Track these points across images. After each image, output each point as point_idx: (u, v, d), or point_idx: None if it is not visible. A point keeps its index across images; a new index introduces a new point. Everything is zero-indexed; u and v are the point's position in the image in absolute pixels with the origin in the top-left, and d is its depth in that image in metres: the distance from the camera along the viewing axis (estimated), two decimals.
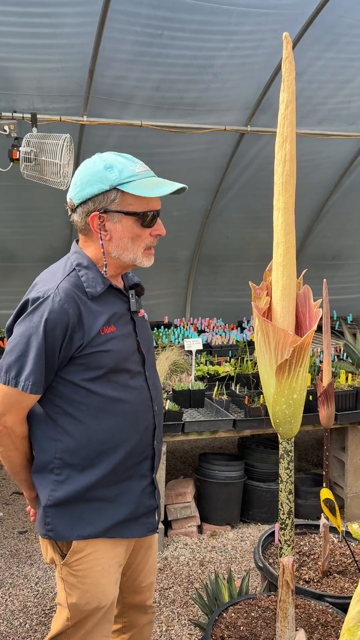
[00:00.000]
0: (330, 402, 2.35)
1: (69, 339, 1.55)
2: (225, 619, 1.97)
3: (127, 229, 1.61)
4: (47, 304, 1.54)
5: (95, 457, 1.61)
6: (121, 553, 1.71)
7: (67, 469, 1.62)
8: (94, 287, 1.61)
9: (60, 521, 1.63)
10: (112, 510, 1.65)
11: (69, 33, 3.67)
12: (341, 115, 4.80)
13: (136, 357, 1.69)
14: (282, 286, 1.48)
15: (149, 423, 1.70)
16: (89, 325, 1.58)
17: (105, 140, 4.46)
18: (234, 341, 4.85)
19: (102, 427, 1.61)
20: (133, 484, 1.68)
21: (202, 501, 3.67)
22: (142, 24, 3.70)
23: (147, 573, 1.88)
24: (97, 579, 1.65)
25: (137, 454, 1.67)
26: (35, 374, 1.55)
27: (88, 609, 1.65)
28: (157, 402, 1.75)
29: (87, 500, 1.63)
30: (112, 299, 1.66)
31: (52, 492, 1.62)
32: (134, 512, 1.68)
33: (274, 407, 1.49)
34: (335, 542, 2.67)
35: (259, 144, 4.94)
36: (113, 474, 1.63)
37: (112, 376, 1.62)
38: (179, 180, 1.67)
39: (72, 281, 1.60)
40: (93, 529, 1.63)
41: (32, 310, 1.56)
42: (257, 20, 3.84)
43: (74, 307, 1.55)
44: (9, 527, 3.62)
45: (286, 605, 1.59)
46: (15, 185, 4.39)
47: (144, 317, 1.80)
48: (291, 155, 1.42)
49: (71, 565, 1.65)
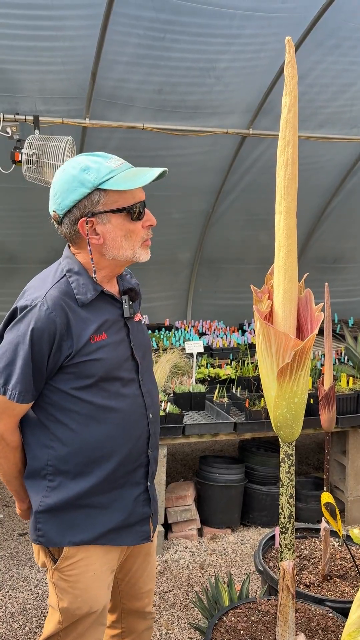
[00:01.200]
0: (331, 405, 2.35)
1: (57, 347, 1.53)
2: (226, 623, 1.96)
3: (118, 227, 1.56)
4: (34, 312, 1.52)
5: (88, 464, 1.59)
6: (114, 559, 1.69)
7: (60, 475, 1.60)
8: (84, 293, 1.58)
9: (51, 527, 1.61)
10: (104, 518, 1.62)
11: (72, 36, 3.68)
12: (343, 119, 4.81)
13: (129, 364, 1.65)
14: (283, 290, 1.48)
15: (143, 431, 1.66)
16: (78, 334, 1.55)
17: (107, 142, 4.47)
18: (235, 344, 4.85)
19: (94, 435, 1.58)
20: (126, 491, 1.65)
21: (203, 504, 3.67)
22: (145, 27, 3.71)
23: (146, 579, 1.86)
24: (88, 584, 1.63)
25: (130, 461, 1.64)
26: (22, 383, 1.53)
27: (79, 614, 1.64)
28: (153, 410, 1.71)
29: (79, 507, 1.60)
30: (104, 306, 1.62)
31: (44, 498, 1.61)
32: (127, 520, 1.65)
33: (275, 410, 1.48)
34: (335, 546, 2.66)
35: (261, 147, 4.95)
36: (106, 481, 1.61)
37: (103, 384, 1.59)
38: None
39: (61, 288, 1.56)
40: (85, 535, 1.61)
41: (20, 318, 1.54)
42: (260, 23, 3.85)
43: (62, 315, 1.53)
44: (9, 529, 3.61)
45: (286, 610, 1.59)
46: (17, 187, 4.40)
47: (140, 321, 1.76)
48: (293, 158, 1.42)
49: (62, 571, 1.63)
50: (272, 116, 4.58)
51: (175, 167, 4.88)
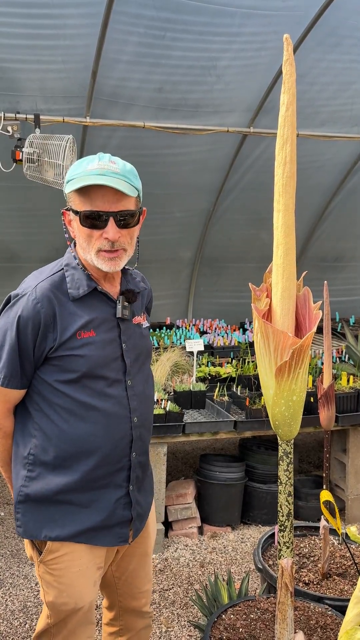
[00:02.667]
0: (330, 404, 2.35)
1: (42, 337, 1.56)
2: (225, 621, 1.97)
3: (79, 228, 1.58)
4: (22, 301, 1.58)
5: (67, 458, 1.60)
6: (99, 556, 1.68)
7: (40, 466, 1.62)
8: (76, 288, 1.60)
9: (29, 519, 1.63)
10: (83, 516, 1.62)
11: (72, 34, 3.68)
12: (344, 117, 4.80)
13: (117, 364, 1.64)
14: (281, 288, 1.48)
15: (125, 434, 1.64)
16: (64, 327, 1.57)
17: (107, 141, 4.47)
18: (236, 342, 4.85)
19: (74, 430, 1.59)
20: (107, 492, 1.64)
21: (203, 502, 3.67)
22: (145, 26, 3.70)
23: (143, 579, 1.86)
24: (73, 580, 1.63)
25: (110, 463, 1.63)
26: (7, 368, 1.58)
27: (66, 610, 1.64)
28: (139, 413, 1.68)
29: (58, 503, 1.61)
30: (96, 303, 1.63)
31: (23, 487, 1.63)
32: (106, 521, 1.64)
33: (273, 408, 1.49)
34: (335, 544, 2.66)
35: (262, 146, 4.94)
36: (86, 479, 1.61)
37: (87, 382, 1.59)
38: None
39: (54, 281, 1.60)
40: (61, 531, 1.61)
41: (10, 306, 1.61)
42: (261, 21, 3.84)
43: (48, 307, 1.56)
44: (9, 527, 3.62)
45: (285, 608, 1.59)
46: (18, 186, 4.40)
47: (140, 324, 1.74)
48: (291, 157, 1.42)
49: (47, 564, 1.64)
50: (273, 114, 4.57)
51: (176, 165, 4.89)
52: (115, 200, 1.54)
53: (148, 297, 1.85)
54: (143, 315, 1.77)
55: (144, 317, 1.77)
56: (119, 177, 1.53)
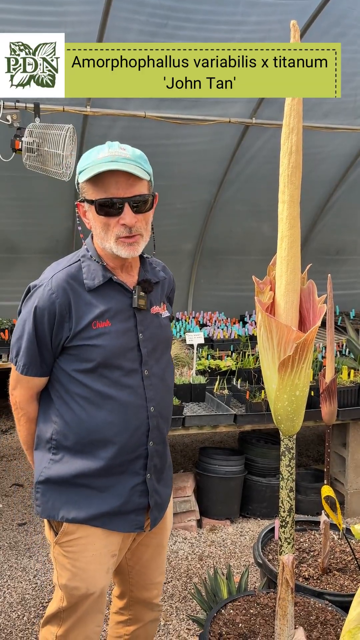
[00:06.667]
0: (332, 398, 2.33)
1: (58, 327, 1.59)
2: (224, 616, 1.96)
3: (95, 218, 1.58)
4: (38, 292, 1.61)
5: (86, 445, 1.63)
6: (114, 542, 1.69)
7: (63, 450, 1.65)
8: (92, 279, 1.62)
9: (48, 499, 1.66)
10: (99, 500, 1.65)
11: (73, 22, 3.63)
12: (347, 109, 4.76)
13: (133, 354, 1.65)
14: (286, 281, 1.45)
15: (142, 423, 1.66)
16: (79, 317, 1.59)
17: (108, 131, 4.43)
18: (236, 335, 4.83)
19: (92, 419, 1.61)
20: (124, 479, 1.67)
21: (202, 495, 3.66)
22: (148, 13, 3.66)
23: (156, 571, 1.88)
24: (87, 564, 1.65)
25: (128, 451, 1.65)
26: (26, 356, 1.62)
27: (77, 594, 1.66)
28: (156, 403, 1.69)
29: (77, 485, 1.64)
30: (112, 293, 1.64)
31: (45, 469, 1.66)
32: (122, 507, 1.66)
33: (276, 403, 1.46)
34: (335, 539, 2.65)
35: (264, 137, 4.90)
36: (105, 466, 1.63)
37: (103, 371, 1.61)
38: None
39: (70, 272, 1.62)
40: (78, 513, 1.64)
41: (29, 296, 1.64)
42: (265, 10, 3.79)
43: (63, 297, 1.58)
44: (8, 519, 3.61)
45: (285, 603, 1.58)
46: (18, 176, 4.36)
47: (159, 314, 1.74)
48: (297, 147, 1.39)
49: (62, 545, 1.66)
50: (276, 106, 4.53)
51: (177, 156, 4.84)
52: (129, 185, 1.54)
53: (169, 286, 1.85)
54: (163, 305, 1.77)
55: (163, 307, 1.77)
56: (131, 162, 1.53)
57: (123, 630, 1.94)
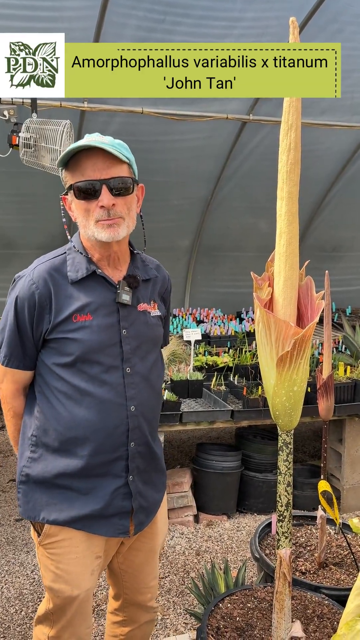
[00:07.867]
0: (329, 394, 2.34)
1: (38, 318, 1.58)
2: (222, 610, 1.97)
3: (76, 205, 1.57)
4: (20, 283, 1.61)
5: (64, 442, 1.60)
6: (98, 545, 1.66)
7: (41, 448, 1.63)
8: (75, 271, 1.60)
9: (29, 500, 1.64)
10: (81, 503, 1.61)
11: (70, 17, 3.62)
12: (345, 106, 4.76)
13: (114, 350, 1.60)
14: (284, 277, 1.46)
15: (121, 422, 1.60)
16: (59, 309, 1.57)
17: (105, 127, 4.42)
18: (233, 332, 4.84)
19: (69, 415, 1.58)
20: (106, 481, 1.62)
21: (199, 491, 3.68)
22: (145, 9, 3.65)
23: (149, 576, 1.85)
24: (70, 566, 1.63)
25: (107, 451, 1.60)
26: (8, 347, 1.62)
27: (62, 596, 1.64)
28: (137, 403, 1.63)
29: (58, 487, 1.62)
30: (96, 287, 1.60)
31: (25, 468, 1.65)
32: (103, 510, 1.62)
33: (274, 399, 1.47)
34: (331, 533, 2.67)
35: (261, 133, 4.90)
36: (84, 466, 1.59)
37: (82, 366, 1.57)
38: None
39: (54, 264, 1.61)
40: (59, 515, 1.61)
41: (12, 287, 1.64)
42: (262, 7, 3.79)
43: (44, 289, 1.57)
44: (5, 515, 3.62)
45: (283, 597, 1.59)
46: (15, 172, 4.35)
47: (147, 312, 1.68)
48: (296, 143, 1.39)
49: (46, 547, 1.65)
50: (273, 102, 4.53)
51: (174, 152, 4.84)
52: (106, 167, 1.53)
53: (163, 286, 1.80)
54: (154, 303, 1.72)
55: (154, 306, 1.72)
56: (107, 145, 1.53)
57: (119, 630, 1.93)
